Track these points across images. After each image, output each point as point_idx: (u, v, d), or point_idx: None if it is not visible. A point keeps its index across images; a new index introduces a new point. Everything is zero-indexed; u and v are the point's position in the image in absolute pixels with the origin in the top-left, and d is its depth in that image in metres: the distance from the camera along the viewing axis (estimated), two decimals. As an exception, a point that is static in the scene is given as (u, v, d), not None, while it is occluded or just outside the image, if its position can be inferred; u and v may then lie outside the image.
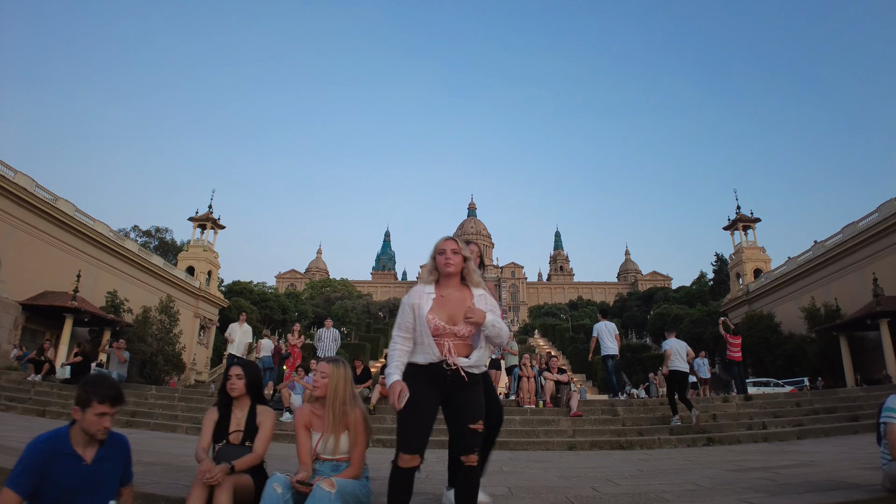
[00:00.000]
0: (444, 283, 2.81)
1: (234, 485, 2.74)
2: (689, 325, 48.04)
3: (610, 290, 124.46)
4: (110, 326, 28.81)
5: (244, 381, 3.19)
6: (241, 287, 61.57)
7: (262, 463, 3.13)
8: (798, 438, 8.20)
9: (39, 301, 25.93)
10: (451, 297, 2.76)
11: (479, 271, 3.05)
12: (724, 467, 5.00)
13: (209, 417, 3.19)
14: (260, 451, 3.06)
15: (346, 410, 2.98)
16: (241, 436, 3.11)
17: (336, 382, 3.00)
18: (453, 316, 2.71)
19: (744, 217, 45.08)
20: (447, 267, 2.75)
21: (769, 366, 33.18)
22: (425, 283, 2.84)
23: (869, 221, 29.65)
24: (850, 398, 10.98)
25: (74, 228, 29.31)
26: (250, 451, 3.04)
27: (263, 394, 3.32)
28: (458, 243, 2.81)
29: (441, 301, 2.75)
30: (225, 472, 2.71)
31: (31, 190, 26.03)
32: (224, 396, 3.20)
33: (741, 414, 9.86)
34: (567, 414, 9.22)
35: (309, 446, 2.98)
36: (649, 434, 8.55)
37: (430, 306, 2.72)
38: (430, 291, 2.78)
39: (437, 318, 2.68)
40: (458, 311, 2.70)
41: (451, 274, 2.77)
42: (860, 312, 27.05)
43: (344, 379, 3.03)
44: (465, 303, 2.74)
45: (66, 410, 10.30)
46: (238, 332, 11.11)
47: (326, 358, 3.18)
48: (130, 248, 35.14)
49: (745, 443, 8.03)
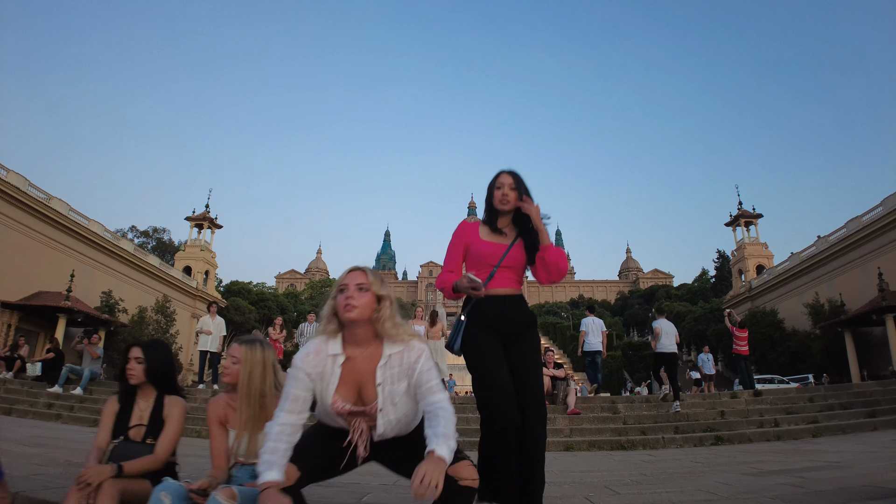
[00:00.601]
0: (349, 335, 2.01)
1: (122, 491, 2.17)
2: (691, 323, 47.73)
3: (611, 289, 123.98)
4: (105, 326, 28.57)
5: (144, 367, 2.57)
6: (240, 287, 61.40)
7: (173, 465, 2.55)
8: (813, 436, 7.64)
9: (33, 301, 25.83)
10: (359, 362, 1.99)
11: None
12: (740, 470, 4.41)
13: (108, 409, 2.59)
14: (161, 451, 2.46)
15: (266, 403, 2.37)
16: (144, 431, 2.51)
17: (251, 368, 2.38)
18: (365, 390, 1.97)
19: (746, 213, 44.71)
20: (347, 311, 1.93)
21: (773, 362, 32.92)
22: (325, 334, 2.03)
23: (873, 215, 29.43)
24: (866, 392, 10.40)
25: (68, 228, 29.21)
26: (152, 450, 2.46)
27: (174, 381, 2.70)
28: (367, 275, 2.00)
29: (349, 370, 1.98)
30: (105, 475, 2.15)
31: (23, 189, 25.94)
32: (125, 384, 2.60)
33: (751, 410, 9.30)
34: (564, 412, 8.66)
35: (224, 446, 2.40)
36: (653, 433, 7.99)
37: (338, 382, 1.97)
38: (337, 353, 1.99)
39: (344, 399, 1.98)
40: (372, 384, 1.98)
41: (354, 321, 1.96)
42: (865, 308, 26.73)
43: (262, 365, 2.41)
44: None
45: (32, 409, 9.78)
46: (210, 325, 10.53)
47: (241, 338, 2.54)
48: (125, 248, 35.11)
49: (756, 441, 7.47)
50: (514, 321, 2.45)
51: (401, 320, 2.04)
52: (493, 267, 2.46)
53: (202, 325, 10.59)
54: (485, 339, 2.39)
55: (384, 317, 1.98)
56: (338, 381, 1.97)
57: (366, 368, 1.99)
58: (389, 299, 2.02)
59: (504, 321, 2.43)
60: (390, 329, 1.99)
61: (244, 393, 2.37)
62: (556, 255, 2.44)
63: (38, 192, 27.25)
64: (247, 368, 2.39)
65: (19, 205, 25.66)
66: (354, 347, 2.01)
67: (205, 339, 10.34)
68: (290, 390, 1.95)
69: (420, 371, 1.98)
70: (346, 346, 2.01)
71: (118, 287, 32.78)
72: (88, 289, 29.91)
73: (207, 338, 10.36)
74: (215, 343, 10.48)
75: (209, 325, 10.51)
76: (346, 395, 1.99)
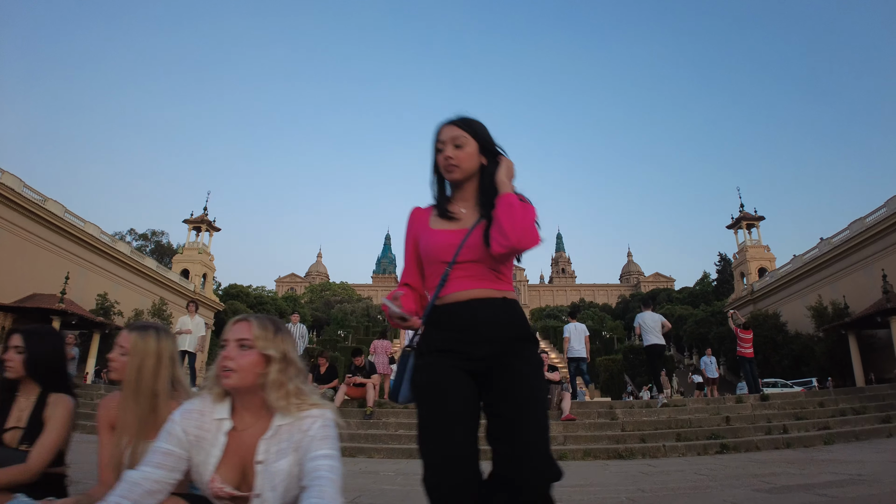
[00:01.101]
0: (238, 400, 1.60)
1: None
2: (693, 326, 47.29)
3: (612, 292, 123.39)
4: (99, 329, 28.59)
5: (23, 357, 2.11)
6: (238, 290, 61.21)
7: (61, 478, 2.09)
8: (825, 444, 7.16)
9: (27, 303, 25.69)
10: (248, 435, 1.57)
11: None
12: (751, 485, 3.92)
13: None
14: (34, 461, 1.99)
15: (158, 405, 1.90)
16: (20, 435, 2.05)
17: (141, 361, 1.91)
18: (251, 470, 1.54)
19: (747, 215, 44.51)
20: (225, 378, 1.53)
21: (776, 366, 32.69)
22: (211, 397, 1.61)
23: (877, 217, 29.35)
24: (880, 396, 9.91)
25: (64, 230, 29.18)
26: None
27: (63, 376, 2.24)
28: (253, 328, 1.58)
29: (236, 442, 1.56)
30: None
31: (18, 190, 25.92)
32: (2, 378, 2.14)
33: (758, 416, 8.80)
34: (558, 418, 8.18)
35: (114, 455, 1.92)
36: (653, 440, 7.50)
37: (221, 455, 1.54)
38: (223, 417, 1.57)
39: (225, 479, 1.54)
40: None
41: (233, 389, 1.56)
42: (869, 310, 26.47)
43: (156, 357, 1.93)
44: None
45: None
46: (189, 324, 10.13)
47: (132, 323, 2.08)
48: (122, 251, 35.15)
49: (764, 449, 6.99)
50: (492, 337, 1.57)
51: (301, 386, 1.59)
52: (446, 265, 1.62)
53: (181, 325, 10.20)
54: (439, 376, 1.55)
55: (269, 383, 1.53)
56: (221, 454, 1.54)
57: (253, 443, 1.55)
58: (284, 359, 1.57)
59: (475, 339, 1.56)
60: (276, 400, 1.53)
61: (131, 390, 1.90)
62: (510, 204, 1.55)
63: (34, 193, 27.25)
64: (136, 361, 1.91)
65: (14, 206, 25.66)
66: (245, 415, 1.58)
67: (183, 338, 9.94)
68: (160, 444, 1.54)
69: (311, 438, 1.51)
70: (235, 413, 1.59)
71: (114, 290, 32.72)
72: (84, 291, 29.91)
73: (186, 337, 9.97)
74: (193, 343, 10.08)
75: (188, 325, 10.12)
76: (228, 475, 1.54)
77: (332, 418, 1.57)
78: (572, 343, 10.38)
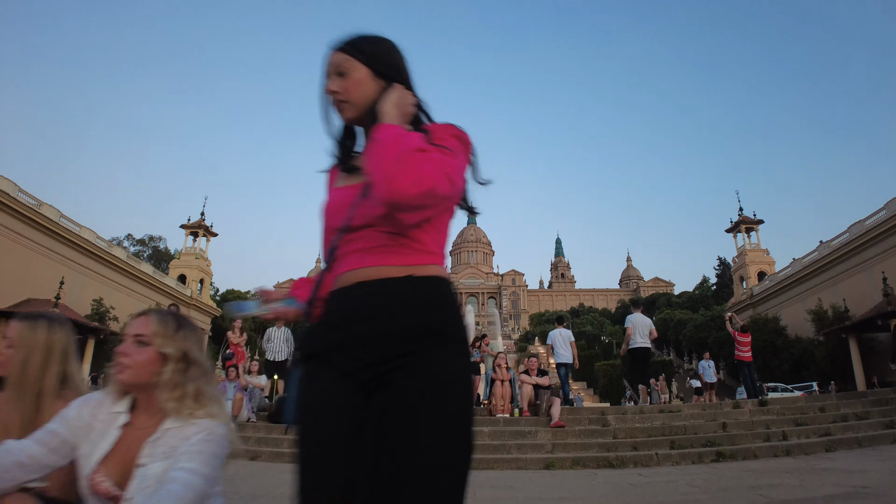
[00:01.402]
0: (138, 399, 1.52)
1: None
2: (692, 331, 46.99)
3: (612, 297, 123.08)
4: (94, 334, 28.15)
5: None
6: (235, 295, 60.87)
7: None
8: (827, 451, 6.84)
9: (21, 308, 25.31)
10: (141, 433, 1.47)
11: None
12: (748, 497, 3.61)
13: None
14: None
15: (43, 405, 1.67)
16: None
17: (27, 354, 1.68)
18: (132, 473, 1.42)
19: (746, 219, 44.33)
20: (119, 373, 1.48)
21: (775, 370, 32.41)
22: (113, 393, 1.53)
23: (876, 219, 29.22)
24: (883, 400, 9.55)
25: (59, 234, 28.97)
26: None
27: None
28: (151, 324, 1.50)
29: (128, 439, 1.46)
30: None
31: (12, 194, 25.75)
32: None
33: (756, 422, 8.47)
34: (547, 424, 7.87)
35: None
36: (645, 448, 7.17)
37: (109, 450, 1.44)
38: (121, 411, 1.49)
39: (108, 474, 1.43)
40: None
41: (126, 386, 1.50)
42: (870, 313, 26.25)
43: (45, 350, 1.70)
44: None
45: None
46: None
47: (22, 313, 1.82)
48: (118, 256, 34.92)
49: (762, 457, 6.67)
50: (375, 335, 1.07)
51: (204, 389, 1.50)
52: (338, 233, 1.18)
53: None
54: (319, 389, 1.10)
55: (163, 383, 1.46)
56: (109, 449, 1.45)
57: (142, 443, 1.46)
58: (184, 359, 1.50)
59: (356, 339, 1.09)
60: (166, 401, 1.45)
61: (15, 386, 1.67)
62: (380, 139, 1.04)
63: (29, 197, 27.09)
64: (21, 354, 1.68)
65: (9, 210, 25.51)
66: (142, 414, 1.51)
67: None
68: (50, 424, 1.47)
69: (187, 448, 1.38)
70: (135, 411, 1.52)
71: (110, 295, 32.41)
72: (80, 296, 29.68)
73: None
74: None
75: None
76: (113, 471, 1.44)
77: (219, 434, 1.41)
78: (558, 348, 10.54)
